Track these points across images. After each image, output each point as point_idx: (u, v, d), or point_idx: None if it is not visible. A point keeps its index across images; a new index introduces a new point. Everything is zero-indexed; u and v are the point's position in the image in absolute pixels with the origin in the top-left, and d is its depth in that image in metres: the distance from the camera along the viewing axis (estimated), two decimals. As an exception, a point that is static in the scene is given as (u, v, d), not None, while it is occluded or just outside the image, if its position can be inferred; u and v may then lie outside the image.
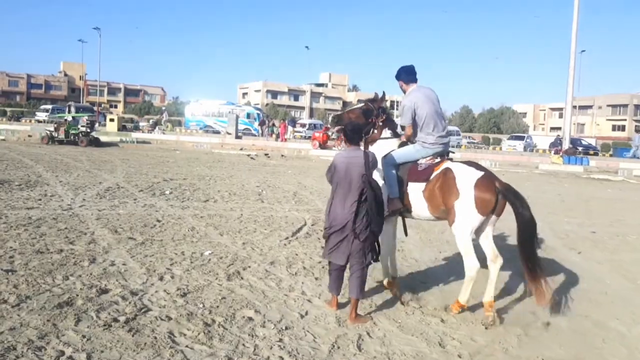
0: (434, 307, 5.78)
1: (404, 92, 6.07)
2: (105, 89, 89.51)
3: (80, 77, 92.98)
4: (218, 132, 46.19)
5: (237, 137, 38.70)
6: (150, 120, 49.75)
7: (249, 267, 6.80)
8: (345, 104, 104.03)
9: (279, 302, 5.56)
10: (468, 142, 56.87)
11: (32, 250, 6.91)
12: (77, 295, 5.33)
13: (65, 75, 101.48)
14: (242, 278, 6.31)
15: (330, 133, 35.59)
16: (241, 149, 32.16)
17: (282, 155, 30.67)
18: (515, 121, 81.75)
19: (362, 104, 6.24)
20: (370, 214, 5.06)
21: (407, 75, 6.05)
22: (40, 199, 10.95)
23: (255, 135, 44.61)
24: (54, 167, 17.57)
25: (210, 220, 9.74)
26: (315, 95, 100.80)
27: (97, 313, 4.89)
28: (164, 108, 54.23)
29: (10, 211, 9.44)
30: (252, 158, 27.89)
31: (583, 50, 38.16)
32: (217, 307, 5.29)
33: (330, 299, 5.51)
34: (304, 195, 13.76)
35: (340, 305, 5.45)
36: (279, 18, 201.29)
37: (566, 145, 38.23)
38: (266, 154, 30.22)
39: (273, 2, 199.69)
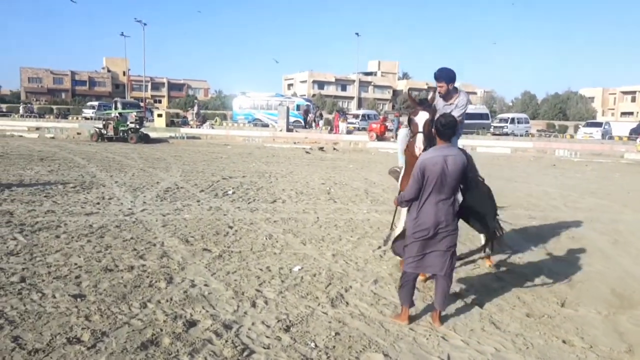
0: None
1: (441, 93, 6.39)
2: (149, 84, 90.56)
3: (123, 72, 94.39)
4: (267, 125, 45.53)
5: (289, 130, 37.93)
6: (190, 114, 49.31)
7: (351, 287, 5.86)
8: (395, 92, 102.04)
9: (407, 339, 4.57)
10: (537, 131, 54.20)
11: (100, 268, 6.17)
12: (162, 330, 4.50)
13: (109, 71, 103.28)
14: (347, 303, 5.37)
15: (388, 124, 34.41)
16: (295, 143, 31.35)
17: (335, 149, 29.68)
18: (583, 106, 77.54)
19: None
20: (482, 214, 5.03)
21: (452, 80, 6.35)
22: (98, 203, 10.35)
23: (305, 128, 43.73)
24: (107, 166, 17.17)
25: (285, 225, 8.87)
26: (363, 85, 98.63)
27: (192, 358, 4.04)
28: (195, 101, 53.69)
29: (69, 217, 8.82)
30: (307, 152, 27.07)
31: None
32: (334, 347, 4.35)
33: (400, 313, 4.99)
34: (377, 194, 12.74)
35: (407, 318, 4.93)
36: (322, 6, 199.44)
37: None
38: (321, 148, 29.31)
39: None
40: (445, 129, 4.67)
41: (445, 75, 6.25)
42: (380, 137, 33.04)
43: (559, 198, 13.33)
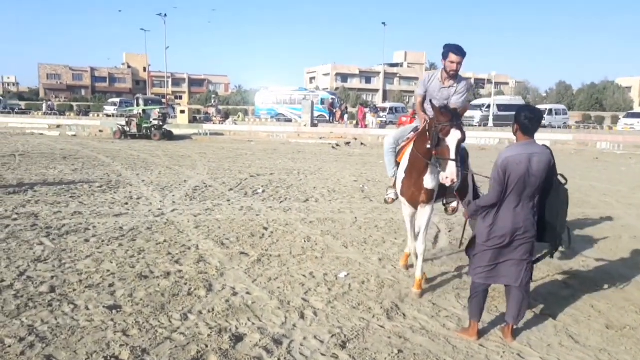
0: None
1: (452, 71, 5.68)
2: (170, 80, 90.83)
3: (144, 68, 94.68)
4: (290, 120, 45.16)
5: (313, 125, 37.49)
6: (211, 111, 49.12)
7: (406, 296, 5.47)
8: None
9: (478, 357, 4.18)
10: (576, 122, 52.41)
11: (134, 275, 5.89)
12: (207, 346, 4.18)
13: (129, 67, 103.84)
14: (405, 315, 4.98)
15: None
16: (320, 138, 30.95)
17: (363, 144, 29.21)
18: (620, 97, 75.10)
19: None
20: (553, 224, 4.39)
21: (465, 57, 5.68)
22: (126, 203, 10.13)
23: (331, 122, 43.15)
24: (132, 164, 17.02)
25: (323, 226, 8.51)
26: (389, 77, 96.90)
27: (243, 380, 3.71)
28: (213, 101, 53.24)
29: (98, 219, 8.59)
30: (333, 147, 26.69)
31: None
32: (399, 367, 3.98)
33: (467, 328, 4.60)
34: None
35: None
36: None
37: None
38: (347, 143, 28.89)
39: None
40: (531, 123, 4.22)
41: (463, 51, 5.49)
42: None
43: (609, 194, 12.78)
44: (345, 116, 43.55)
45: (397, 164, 5.87)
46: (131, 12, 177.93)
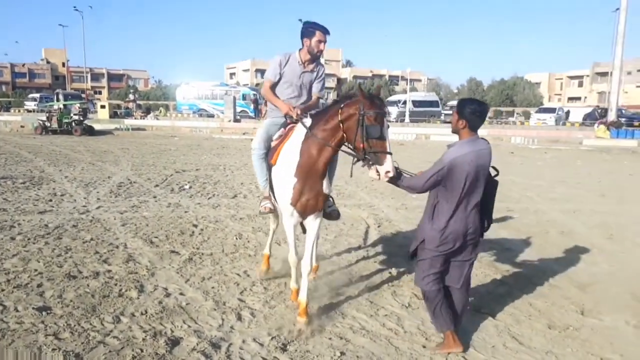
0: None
1: (320, 51, 4.79)
2: (89, 75, 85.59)
3: (62, 63, 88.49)
4: (212, 116, 43.75)
5: (236, 120, 36.60)
6: (131, 105, 46.84)
7: (339, 294, 5.28)
8: (339, 81, 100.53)
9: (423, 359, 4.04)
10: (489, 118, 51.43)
11: (62, 274, 5.40)
12: (142, 350, 3.87)
13: (48, 62, 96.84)
14: (344, 314, 4.76)
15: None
16: (244, 134, 30.20)
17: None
18: (530, 92, 73.53)
19: None
20: (488, 220, 4.05)
21: None
22: (50, 200, 9.38)
23: (253, 118, 42.26)
24: (55, 160, 15.86)
25: (254, 223, 8.23)
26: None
27: (183, 385, 3.45)
28: (132, 96, 50.83)
29: (22, 217, 7.88)
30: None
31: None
32: (342, 370, 3.83)
33: (444, 342, 4.06)
34: (341, 186, 12.10)
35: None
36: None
37: (612, 116, 32.13)
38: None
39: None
40: (480, 118, 3.83)
41: (328, 30, 4.68)
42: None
43: (529, 188, 12.36)
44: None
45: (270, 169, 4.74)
46: (49, 7, 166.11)
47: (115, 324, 4.29)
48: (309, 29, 4.62)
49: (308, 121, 4.41)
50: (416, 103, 45.25)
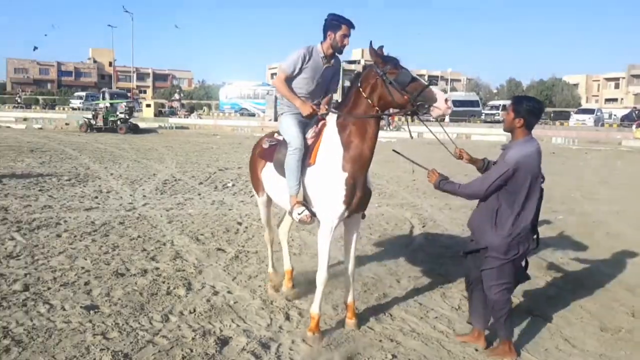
0: None
1: (344, 45, 4.42)
2: (134, 75, 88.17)
3: (109, 63, 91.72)
4: (254, 115, 44.33)
5: (276, 119, 36.86)
6: (175, 104, 47.93)
7: (387, 295, 5.18)
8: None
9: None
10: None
11: (110, 272, 5.45)
12: (192, 350, 3.83)
13: (95, 62, 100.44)
14: (394, 317, 4.64)
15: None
16: (283, 133, 30.35)
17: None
18: (569, 93, 74.44)
19: None
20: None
21: None
22: (96, 197, 9.58)
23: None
24: (100, 157, 16.30)
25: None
26: (347, 74, 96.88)
27: (234, 387, 3.38)
28: (177, 95, 51.94)
29: (69, 214, 8.05)
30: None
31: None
32: (393, 373, 3.71)
33: (505, 349, 3.92)
34: (383, 185, 12.05)
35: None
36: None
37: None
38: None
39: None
40: (536, 116, 3.72)
41: (354, 24, 4.37)
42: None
43: (573, 189, 12.34)
44: None
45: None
46: (98, 8, 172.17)
47: (164, 323, 4.28)
48: (333, 21, 4.33)
49: (333, 116, 4.22)
50: (456, 103, 45.34)
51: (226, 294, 5.01)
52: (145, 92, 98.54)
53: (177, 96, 50.66)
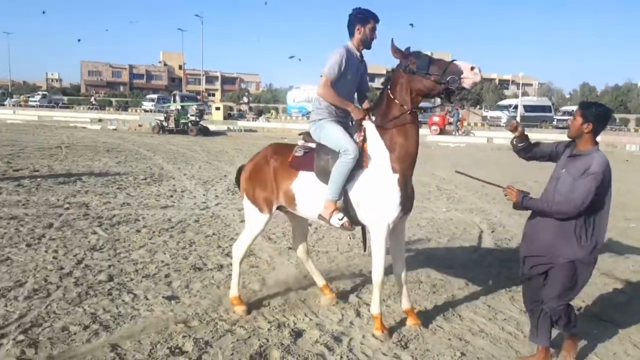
0: None
1: (374, 38, 4.50)
2: (203, 78, 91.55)
3: (179, 66, 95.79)
4: (321, 119, 44.90)
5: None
6: (244, 108, 49.42)
7: (456, 296, 5.26)
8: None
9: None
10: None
11: (188, 266, 5.82)
12: (268, 340, 4.06)
13: (165, 65, 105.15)
14: (461, 317, 4.75)
15: (450, 117, 33.07)
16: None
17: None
18: None
19: None
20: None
21: None
22: (171, 196, 10.11)
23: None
24: (173, 158, 17.08)
25: (367, 223, 8.31)
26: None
27: (310, 377, 3.57)
28: (245, 98, 53.40)
29: (146, 211, 8.57)
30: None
31: None
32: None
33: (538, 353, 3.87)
34: (452, 190, 11.99)
35: None
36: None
37: None
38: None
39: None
40: (605, 122, 3.65)
41: (379, 18, 4.40)
42: (443, 130, 31.87)
43: None
44: None
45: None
46: (169, 12, 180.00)
47: (241, 315, 4.53)
48: (359, 15, 4.35)
49: (370, 123, 4.30)
50: (528, 108, 44.26)
51: (299, 290, 5.22)
52: (213, 95, 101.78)
53: (245, 99, 52.25)
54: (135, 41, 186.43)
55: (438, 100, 4.44)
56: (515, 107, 44.34)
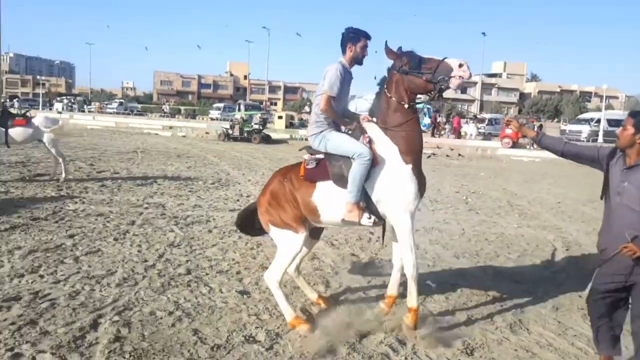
0: None
1: (365, 56, 4.70)
2: (267, 87, 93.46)
3: (244, 76, 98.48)
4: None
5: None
6: (306, 117, 50.19)
7: (524, 311, 5.29)
8: (522, 95, 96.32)
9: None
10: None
11: (257, 265, 6.21)
12: (334, 337, 4.31)
13: (231, 74, 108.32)
14: (529, 331, 4.80)
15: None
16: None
17: (460, 155, 28.60)
18: None
19: None
20: None
21: None
22: (238, 200, 10.60)
23: (425, 132, 42.11)
24: (237, 164, 17.73)
25: (430, 235, 8.44)
26: (486, 87, 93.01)
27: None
28: (308, 108, 54.07)
29: (216, 213, 9.06)
30: (428, 157, 26.36)
31: None
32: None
33: None
34: (524, 206, 11.86)
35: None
36: (445, 6, 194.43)
37: None
38: (447, 156, 28.25)
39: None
40: None
41: (370, 35, 4.63)
42: (516, 143, 31.21)
43: None
44: (447, 126, 41.58)
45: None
46: (236, 24, 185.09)
47: (306, 313, 4.83)
48: (350, 34, 4.57)
49: (372, 124, 4.49)
50: (612, 122, 41.89)
51: (361, 293, 5.47)
52: (276, 104, 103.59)
53: (307, 109, 53.00)
54: (205, 53, 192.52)
55: (425, 97, 4.53)
56: (598, 121, 42.41)
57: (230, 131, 30.96)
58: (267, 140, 30.52)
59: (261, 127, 31.19)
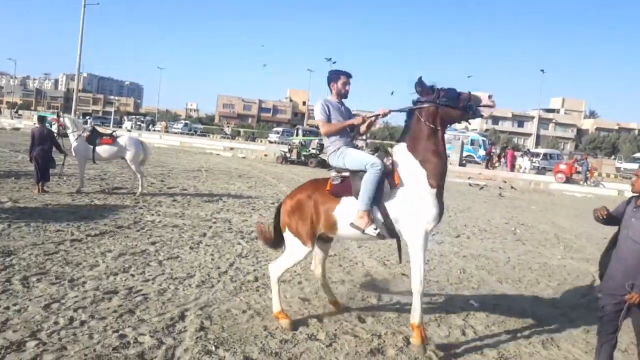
0: None
1: (347, 92, 5.37)
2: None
3: (303, 102, 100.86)
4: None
5: (461, 164, 37.26)
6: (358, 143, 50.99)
7: (556, 330, 5.72)
8: (580, 132, 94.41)
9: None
10: None
11: (316, 278, 6.72)
12: (385, 342, 4.89)
13: (291, 100, 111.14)
14: (559, 347, 5.25)
15: (578, 165, 32.01)
16: (469, 178, 30.72)
17: (513, 187, 28.48)
18: None
19: None
20: None
21: None
22: (297, 220, 11.25)
23: (479, 163, 42.14)
24: (295, 186, 18.16)
25: (477, 261, 8.85)
26: (543, 122, 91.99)
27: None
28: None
29: (277, 231, 9.74)
30: (481, 188, 26.43)
31: None
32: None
33: None
34: (570, 240, 12.06)
35: None
36: (505, 41, 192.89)
37: None
38: (500, 188, 28.19)
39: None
40: None
41: (351, 74, 5.28)
42: (569, 179, 30.84)
43: None
44: (503, 160, 41.38)
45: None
46: (297, 53, 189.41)
47: (361, 322, 5.40)
48: (333, 74, 5.28)
49: (401, 147, 4.92)
50: None
51: (410, 307, 5.97)
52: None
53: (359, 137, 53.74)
54: (267, 79, 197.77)
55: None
56: None
57: (288, 154, 32.02)
58: (323, 164, 31.31)
59: (318, 152, 32.06)
